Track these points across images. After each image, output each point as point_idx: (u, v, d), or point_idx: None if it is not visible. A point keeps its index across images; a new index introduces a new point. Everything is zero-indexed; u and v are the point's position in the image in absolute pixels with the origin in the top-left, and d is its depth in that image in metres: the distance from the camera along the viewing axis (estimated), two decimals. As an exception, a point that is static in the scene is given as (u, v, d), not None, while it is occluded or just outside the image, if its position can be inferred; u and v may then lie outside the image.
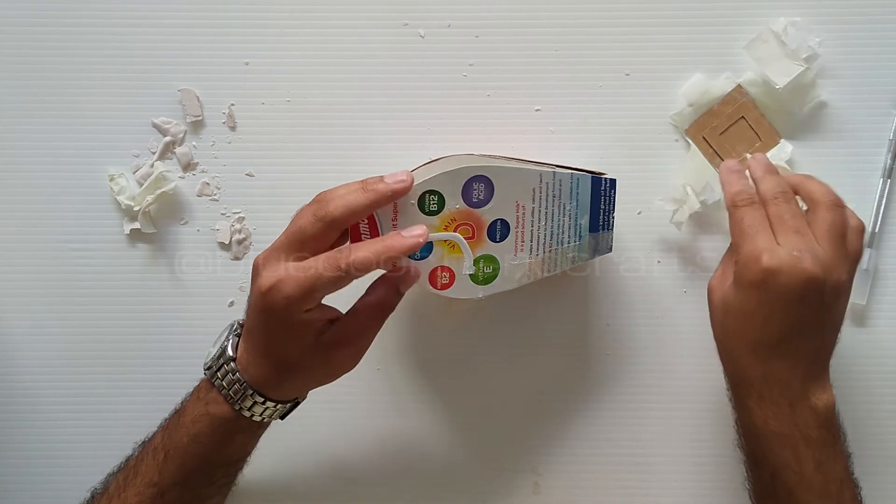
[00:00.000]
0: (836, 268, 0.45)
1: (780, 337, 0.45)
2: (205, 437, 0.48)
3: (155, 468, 0.49)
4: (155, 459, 0.49)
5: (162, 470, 0.49)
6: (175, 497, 0.49)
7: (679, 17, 0.58)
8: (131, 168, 0.59)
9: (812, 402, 0.46)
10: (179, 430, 0.49)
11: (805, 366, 0.46)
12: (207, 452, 0.49)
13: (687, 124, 0.58)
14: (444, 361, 0.59)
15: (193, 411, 0.49)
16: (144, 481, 0.49)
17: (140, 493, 0.49)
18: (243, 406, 0.48)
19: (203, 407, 0.49)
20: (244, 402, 0.48)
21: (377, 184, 0.46)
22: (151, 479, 0.49)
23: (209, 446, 0.49)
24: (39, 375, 0.59)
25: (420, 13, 0.58)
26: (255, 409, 0.48)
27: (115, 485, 0.50)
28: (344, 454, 0.59)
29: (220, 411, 0.48)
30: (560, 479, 0.59)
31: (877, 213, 0.57)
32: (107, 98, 0.59)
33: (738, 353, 0.47)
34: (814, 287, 0.44)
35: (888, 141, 0.58)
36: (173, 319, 0.59)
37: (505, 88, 0.58)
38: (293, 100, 0.59)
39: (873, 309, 0.58)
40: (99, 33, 0.58)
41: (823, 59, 0.57)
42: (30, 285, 0.59)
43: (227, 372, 0.48)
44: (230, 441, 0.49)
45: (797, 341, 0.46)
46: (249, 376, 0.48)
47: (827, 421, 0.46)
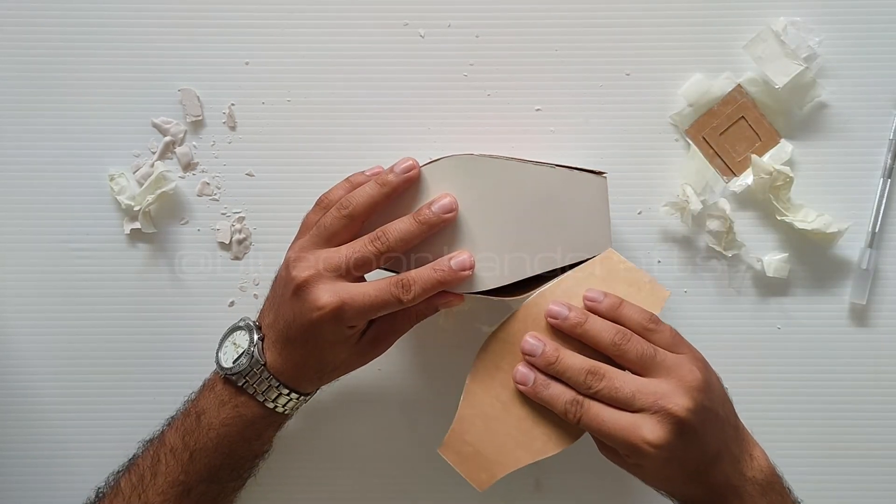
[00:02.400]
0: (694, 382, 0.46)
1: (704, 461, 0.47)
2: (235, 434, 0.50)
3: (179, 468, 0.50)
4: (177, 460, 0.50)
5: (188, 470, 0.50)
6: (202, 492, 0.51)
7: (679, 17, 0.58)
8: (131, 168, 0.59)
9: (749, 475, 0.47)
10: (205, 431, 0.50)
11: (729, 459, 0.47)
12: (236, 449, 0.51)
13: (687, 124, 0.58)
14: (444, 361, 0.59)
15: (220, 414, 0.50)
16: (168, 481, 0.50)
17: (163, 493, 0.50)
18: (278, 403, 0.50)
19: (232, 409, 0.50)
20: (278, 401, 0.50)
21: (388, 175, 0.49)
22: (176, 478, 0.50)
23: (238, 444, 0.51)
24: (39, 375, 0.59)
25: (420, 13, 0.58)
26: (287, 405, 0.51)
27: (129, 485, 0.51)
28: (344, 454, 0.59)
29: (251, 412, 0.50)
30: (561, 477, 0.59)
31: (877, 213, 0.57)
32: (107, 98, 0.59)
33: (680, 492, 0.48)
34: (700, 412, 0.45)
35: (888, 141, 0.58)
36: (173, 319, 0.59)
37: (505, 88, 0.58)
38: (293, 99, 0.59)
39: (873, 309, 0.58)
40: (99, 33, 0.58)
41: (823, 59, 0.57)
42: (30, 285, 0.59)
43: (262, 379, 0.50)
44: (260, 436, 0.52)
45: (714, 454, 0.47)
46: (285, 378, 0.50)
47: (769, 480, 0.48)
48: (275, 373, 0.49)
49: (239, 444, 0.51)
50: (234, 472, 0.52)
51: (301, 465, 0.60)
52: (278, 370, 0.50)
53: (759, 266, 0.58)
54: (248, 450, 0.52)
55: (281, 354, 0.50)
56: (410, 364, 0.59)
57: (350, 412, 0.59)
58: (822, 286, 0.57)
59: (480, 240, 0.50)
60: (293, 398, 0.50)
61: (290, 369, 0.50)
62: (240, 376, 0.50)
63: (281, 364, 0.50)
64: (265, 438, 0.52)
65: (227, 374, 0.50)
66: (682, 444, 0.45)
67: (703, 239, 0.58)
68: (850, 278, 0.58)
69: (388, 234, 0.48)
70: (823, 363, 0.58)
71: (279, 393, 0.50)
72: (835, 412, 0.58)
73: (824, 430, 0.58)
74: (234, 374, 0.50)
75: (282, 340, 0.50)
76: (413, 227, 0.48)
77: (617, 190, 0.58)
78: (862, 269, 0.57)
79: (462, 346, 0.59)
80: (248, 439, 0.51)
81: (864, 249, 0.58)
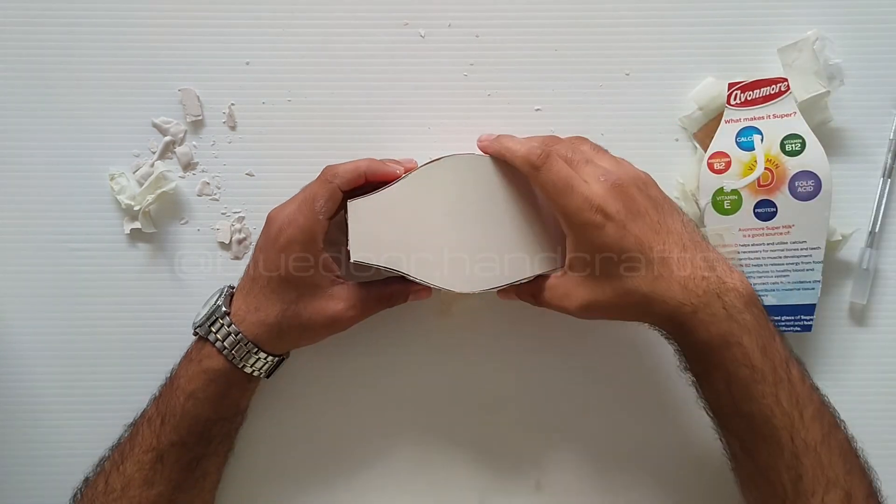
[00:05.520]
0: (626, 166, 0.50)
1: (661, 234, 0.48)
2: (200, 392, 0.51)
3: (152, 434, 0.51)
4: (151, 427, 0.51)
5: (159, 434, 0.50)
6: (174, 459, 0.51)
7: (679, 17, 0.58)
8: (131, 168, 0.59)
9: (730, 284, 0.47)
10: (174, 392, 0.51)
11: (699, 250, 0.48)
12: (202, 410, 0.51)
13: (696, 128, 0.58)
14: (445, 360, 0.59)
15: (187, 372, 0.51)
16: (142, 449, 0.51)
17: (139, 461, 0.50)
18: (236, 356, 0.50)
19: (197, 365, 0.51)
20: (237, 353, 0.50)
21: (384, 160, 0.52)
22: (150, 444, 0.50)
23: (204, 403, 0.51)
24: (39, 375, 0.59)
25: (420, 13, 0.58)
26: (247, 360, 0.51)
27: (111, 462, 0.52)
28: (345, 453, 0.59)
29: (214, 365, 0.50)
30: (562, 476, 0.59)
31: (877, 213, 0.58)
32: (107, 98, 0.59)
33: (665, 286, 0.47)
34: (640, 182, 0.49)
35: (888, 141, 0.58)
36: (173, 319, 0.59)
37: (505, 88, 0.58)
38: (294, 99, 0.59)
39: (873, 309, 0.58)
40: (99, 33, 0.58)
41: (845, 90, 0.57)
42: (30, 285, 0.59)
43: (222, 325, 0.50)
44: (224, 396, 0.52)
45: (668, 228, 0.48)
46: (245, 328, 0.50)
47: (751, 298, 0.47)
48: (237, 320, 0.50)
49: (205, 405, 0.51)
50: (201, 437, 0.51)
51: (297, 465, 0.59)
52: (240, 319, 0.50)
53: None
54: (215, 411, 0.51)
55: (245, 299, 0.51)
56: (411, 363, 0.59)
57: (351, 412, 0.59)
58: (823, 286, 0.57)
59: (480, 240, 0.50)
60: (258, 355, 0.51)
61: (251, 318, 0.50)
62: (203, 327, 0.51)
63: (244, 312, 0.51)
64: (232, 400, 0.52)
65: (194, 329, 0.51)
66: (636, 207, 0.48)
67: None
68: (850, 278, 0.58)
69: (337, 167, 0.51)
70: (823, 363, 0.58)
71: (239, 344, 0.50)
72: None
73: (824, 430, 0.58)
74: (199, 326, 0.51)
75: (248, 282, 0.51)
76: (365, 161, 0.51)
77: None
78: (862, 269, 0.57)
79: (463, 346, 0.59)
80: (212, 398, 0.51)
81: (864, 249, 0.58)
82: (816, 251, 0.54)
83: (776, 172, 0.54)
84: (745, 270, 0.56)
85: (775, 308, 0.56)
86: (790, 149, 0.54)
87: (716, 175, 0.55)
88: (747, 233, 0.55)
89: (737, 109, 0.56)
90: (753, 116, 0.55)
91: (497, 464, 0.59)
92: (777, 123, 0.55)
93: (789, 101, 0.55)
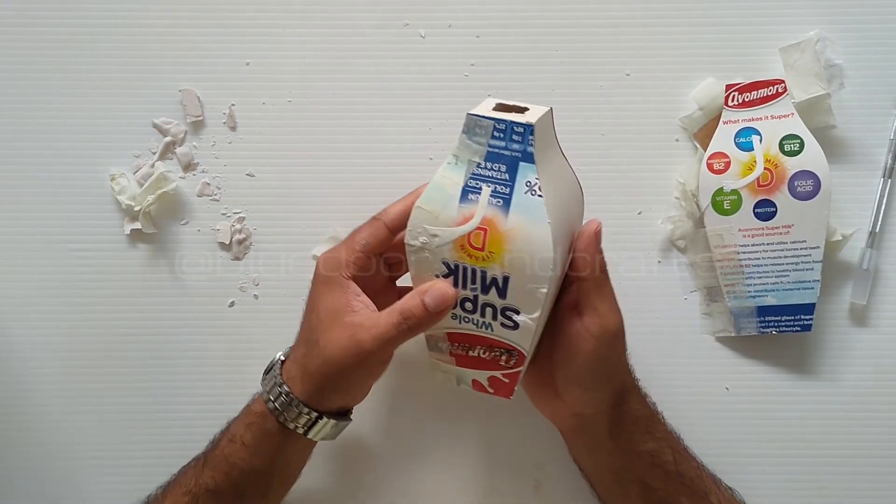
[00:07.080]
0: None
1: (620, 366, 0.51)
2: (239, 437, 0.49)
3: (193, 477, 0.50)
4: (195, 468, 0.51)
5: (198, 476, 0.50)
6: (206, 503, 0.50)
7: (680, 17, 0.58)
8: (132, 168, 0.59)
9: (631, 406, 0.51)
10: (223, 434, 0.51)
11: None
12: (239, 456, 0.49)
13: (696, 128, 0.58)
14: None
15: (239, 425, 0.50)
16: (182, 490, 0.50)
17: (176, 501, 0.50)
18: (277, 405, 0.48)
19: (247, 408, 0.50)
20: (273, 396, 0.49)
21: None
22: (188, 487, 0.50)
23: (241, 449, 0.49)
24: (39, 375, 0.59)
25: (420, 13, 0.58)
26: (288, 413, 0.48)
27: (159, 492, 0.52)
28: (344, 453, 0.59)
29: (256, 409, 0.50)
30: (562, 476, 0.59)
31: (877, 213, 0.58)
32: (107, 98, 0.59)
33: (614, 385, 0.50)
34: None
35: (888, 141, 0.58)
36: (173, 319, 0.59)
37: (505, 88, 0.58)
38: (294, 100, 0.59)
39: (873, 309, 0.58)
40: (99, 34, 0.58)
41: (845, 93, 0.57)
42: (30, 285, 0.59)
43: (275, 384, 0.49)
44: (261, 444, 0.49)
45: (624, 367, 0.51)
46: (286, 377, 0.49)
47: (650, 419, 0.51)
48: (285, 370, 0.49)
49: (241, 451, 0.49)
50: (236, 488, 0.50)
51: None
52: (287, 367, 0.49)
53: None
54: (249, 460, 0.49)
55: (296, 360, 0.49)
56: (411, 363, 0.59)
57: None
58: (823, 286, 0.57)
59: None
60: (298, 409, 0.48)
61: (290, 363, 0.49)
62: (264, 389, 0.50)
63: (291, 360, 0.50)
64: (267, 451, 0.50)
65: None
66: (614, 343, 0.49)
67: (703, 237, 0.58)
68: (850, 279, 0.58)
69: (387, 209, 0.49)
70: (823, 363, 0.58)
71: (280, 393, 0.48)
72: (835, 412, 0.58)
73: (824, 430, 0.58)
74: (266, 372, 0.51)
75: (300, 344, 0.50)
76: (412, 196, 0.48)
77: (617, 190, 0.58)
78: (862, 270, 0.57)
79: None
80: (249, 446, 0.49)
81: (865, 250, 0.58)
82: (816, 250, 0.55)
83: (775, 172, 0.55)
84: (745, 270, 0.56)
85: (775, 308, 0.56)
86: (789, 149, 0.55)
87: (715, 175, 0.55)
88: (747, 233, 0.55)
89: (735, 111, 0.56)
90: (751, 117, 0.55)
91: (497, 464, 0.59)
92: (775, 124, 0.55)
93: (787, 102, 0.55)
